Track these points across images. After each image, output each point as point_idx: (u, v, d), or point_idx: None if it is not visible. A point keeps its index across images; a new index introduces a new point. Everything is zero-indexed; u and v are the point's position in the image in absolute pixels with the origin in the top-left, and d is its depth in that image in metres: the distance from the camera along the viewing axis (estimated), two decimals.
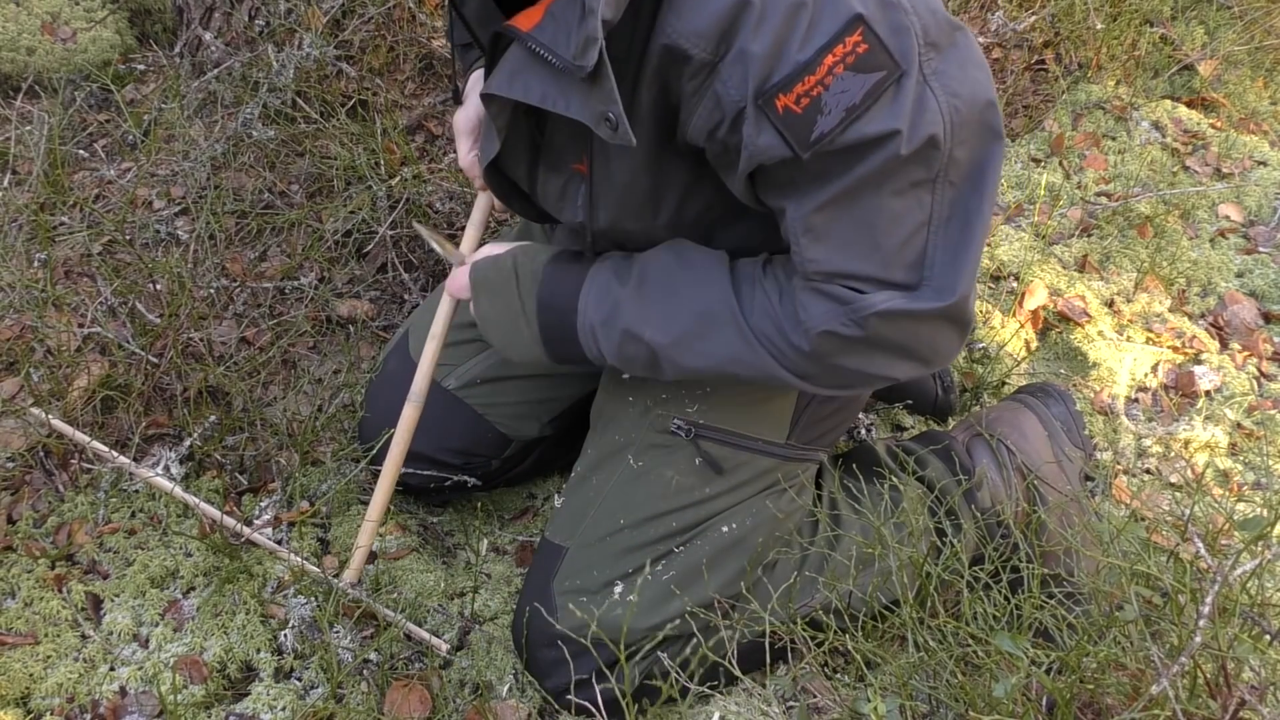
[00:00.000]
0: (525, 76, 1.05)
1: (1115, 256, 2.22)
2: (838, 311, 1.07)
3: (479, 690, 1.39)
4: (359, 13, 2.18)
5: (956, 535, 1.41)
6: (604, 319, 1.22)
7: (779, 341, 1.13)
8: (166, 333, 1.70)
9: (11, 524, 1.53)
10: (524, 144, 1.20)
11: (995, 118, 1.05)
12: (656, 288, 1.20)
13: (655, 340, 1.18)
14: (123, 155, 2.17)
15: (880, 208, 1.02)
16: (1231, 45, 2.76)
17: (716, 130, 1.03)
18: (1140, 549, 1.12)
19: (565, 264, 1.27)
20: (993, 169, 1.05)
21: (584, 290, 1.24)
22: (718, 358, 1.17)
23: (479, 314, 1.31)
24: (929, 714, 1.16)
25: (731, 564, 1.33)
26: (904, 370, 1.14)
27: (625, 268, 1.24)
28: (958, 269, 1.05)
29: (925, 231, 1.05)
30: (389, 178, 1.96)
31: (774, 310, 1.13)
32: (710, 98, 1.00)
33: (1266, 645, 1.04)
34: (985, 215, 1.06)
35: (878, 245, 1.04)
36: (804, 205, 1.04)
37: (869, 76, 0.96)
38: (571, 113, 1.02)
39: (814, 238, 1.05)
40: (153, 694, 1.33)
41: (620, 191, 1.16)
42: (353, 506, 1.61)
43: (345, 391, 1.72)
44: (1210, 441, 1.83)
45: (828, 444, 1.45)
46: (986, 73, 1.04)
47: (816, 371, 1.15)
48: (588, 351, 1.25)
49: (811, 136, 0.98)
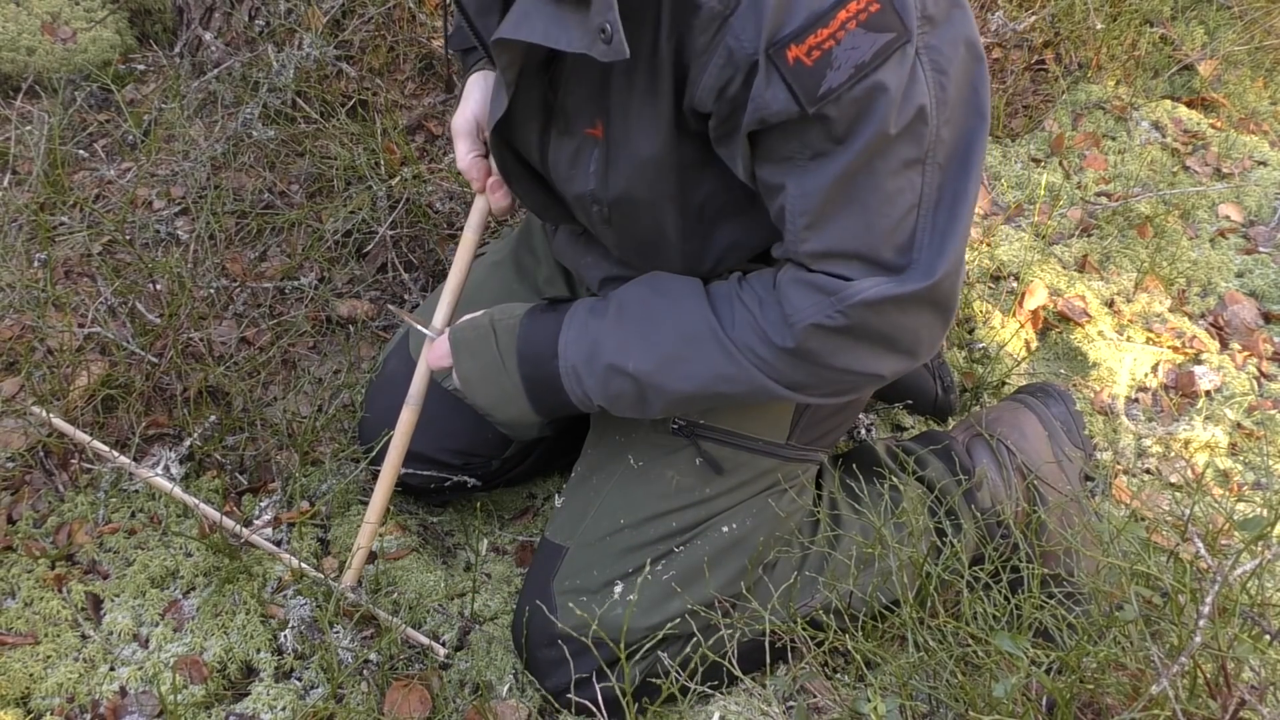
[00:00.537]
0: (530, 18, 1.04)
1: (1115, 256, 2.22)
2: (824, 303, 1.07)
3: (479, 690, 1.39)
4: (359, 13, 2.18)
5: (956, 535, 1.41)
6: (585, 357, 1.21)
7: (763, 351, 1.13)
8: (166, 333, 1.70)
9: (11, 524, 1.53)
10: (535, 105, 1.18)
11: (981, 98, 1.05)
12: (634, 318, 1.20)
13: (639, 369, 1.18)
14: (123, 155, 2.17)
15: (875, 186, 1.02)
16: (1231, 45, 2.76)
17: (727, 88, 1.01)
18: (1140, 549, 1.12)
19: (541, 313, 1.27)
20: (977, 149, 1.05)
21: (562, 332, 1.23)
22: (703, 378, 1.17)
23: (461, 376, 1.30)
24: (929, 714, 1.16)
25: (731, 564, 1.33)
26: (890, 364, 1.14)
27: (601, 305, 1.24)
28: (942, 250, 1.06)
29: (915, 214, 1.05)
30: (389, 178, 1.96)
31: (756, 321, 1.13)
32: (722, 52, 0.99)
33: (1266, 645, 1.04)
34: (971, 196, 1.06)
35: (870, 225, 1.05)
36: (805, 184, 1.04)
37: (879, 36, 0.96)
38: (572, 45, 1.00)
39: (812, 218, 1.05)
40: (153, 694, 1.33)
41: (634, 155, 1.14)
42: (352, 507, 1.61)
43: (345, 391, 1.72)
44: (1210, 441, 1.83)
45: (828, 444, 1.45)
46: (978, 51, 1.04)
47: (803, 376, 1.14)
48: (572, 395, 1.24)
49: (819, 91, 0.97)
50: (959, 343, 2.01)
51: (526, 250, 1.60)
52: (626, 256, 1.32)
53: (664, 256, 1.27)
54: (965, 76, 1.03)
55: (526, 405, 1.27)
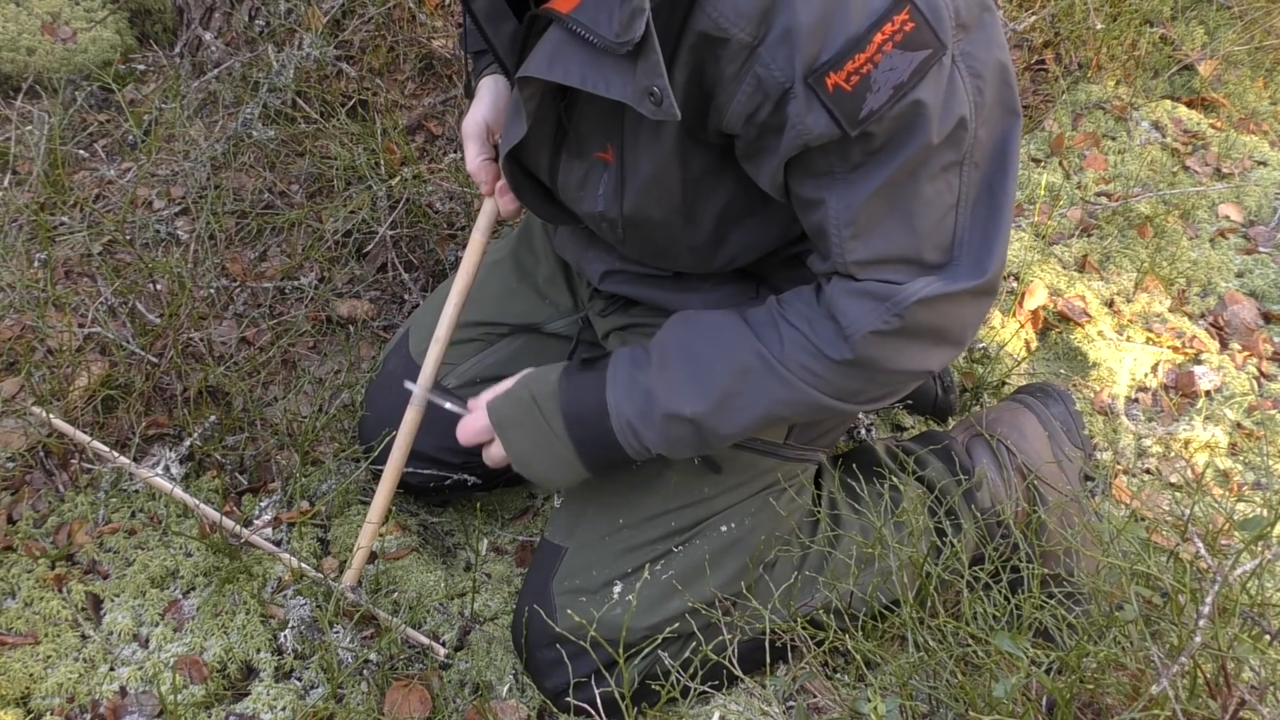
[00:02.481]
0: (564, 58, 1.04)
1: (1115, 256, 2.22)
2: (879, 309, 1.08)
3: (479, 690, 1.39)
4: (359, 13, 2.18)
5: (956, 535, 1.41)
6: (639, 412, 1.21)
7: (818, 368, 1.13)
8: (166, 333, 1.70)
9: (11, 524, 1.53)
10: (549, 130, 1.18)
11: (1013, 96, 1.06)
12: (680, 362, 1.20)
13: (696, 413, 1.18)
14: (123, 155, 2.17)
15: (916, 193, 1.03)
16: (1231, 45, 2.76)
17: (756, 114, 1.02)
18: (1140, 549, 1.12)
19: (578, 374, 1.27)
20: (1013, 146, 1.07)
21: (608, 390, 1.23)
22: (761, 407, 1.17)
23: (513, 453, 1.29)
24: (929, 714, 1.16)
25: (731, 564, 1.33)
26: (939, 358, 1.15)
27: (642, 356, 1.23)
28: (989, 246, 1.07)
29: (954, 213, 1.06)
30: (389, 178, 1.96)
31: (807, 340, 1.13)
32: (750, 80, 0.99)
33: (1266, 645, 1.04)
34: (1010, 192, 1.08)
35: (913, 229, 1.05)
36: (847, 196, 1.04)
37: (915, 54, 0.96)
38: (612, 93, 1.01)
39: (856, 229, 1.06)
40: (153, 694, 1.33)
41: (646, 179, 1.15)
42: (353, 507, 1.61)
43: (345, 391, 1.72)
44: (1210, 441, 1.83)
45: (827, 444, 1.45)
46: (1006, 52, 1.05)
47: (857, 384, 1.15)
48: (629, 450, 1.24)
49: (861, 114, 0.97)
50: None
51: (526, 249, 1.60)
52: (634, 257, 1.32)
53: (673, 257, 1.27)
54: (999, 76, 1.04)
55: (581, 466, 1.27)
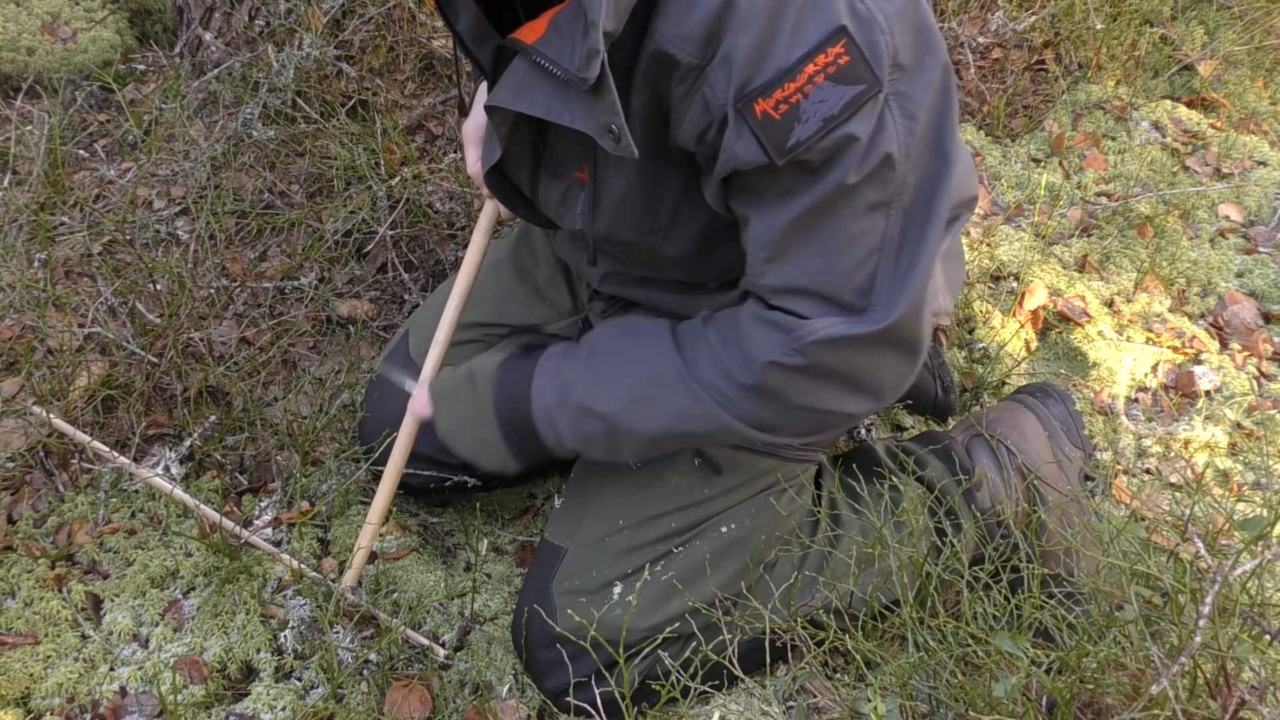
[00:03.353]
0: (529, 89, 1.05)
1: (1115, 256, 2.22)
2: (781, 340, 1.08)
3: (479, 691, 1.39)
4: (359, 13, 2.18)
5: (956, 535, 1.41)
6: (558, 399, 1.24)
7: (726, 389, 1.14)
8: (166, 333, 1.70)
9: (11, 524, 1.53)
10: (526, 151, 1.20)
11: (944, 142, 1.05)
12: (603, 359, 1.22)
13: (608, 410, 1.20)
14: (123, 155, 2.17)
15: (839, 229, 1.03)
16: (1231, 45, 2.76)
17: (706, 134, 1.03)
18: (1140, 549, 1.12)
19: (518, 359, 1.30)
20: (942, 193, 1.05)
21: (535, 375, 1.26)
22: (667, 417, 1.18)
23: (441, 427, 1.33)
24: (929, 714, 1.16)
25: (731, 564, 1.33)
26: (854, 404, 1.14)
27: (573, 349, 1.27)
28: (900, 292, 1.06)
29: (877, 256, 1.05)
30: (389, 178, 1.96)
31: (719, 358, 1.14)
32: (699, 101, 1.00)
33: (1266, 645, 1.04)
34: (934, 241, 1.06)
35: (830, 265, 1.05)
36: (768, 219, 1.05)
37: (849, 89, 0.96)
38: (576, 124, 1.02)
39: (772, 252, 1.06)
40: (153, 694, 1.33)
41: (617, 200, 1.16)
42: (353, 507, 1.61)
43: (345, 392, 1.72)
44: (1210, 441, 1.83)
45: (826, 444, 1.45)
46: (948, 96, 1.04)
47: (769, 415, 1.15)
48: (546, 439, 1.26)
49: (788, 144, 0.98)
50: (959, 343, 2.01)
51: (526, 250, 1.60)
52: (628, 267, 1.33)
53: (663, 269, 1.29)
54: (932, 120, 1.03)
55: (505, 451, 1.30)
